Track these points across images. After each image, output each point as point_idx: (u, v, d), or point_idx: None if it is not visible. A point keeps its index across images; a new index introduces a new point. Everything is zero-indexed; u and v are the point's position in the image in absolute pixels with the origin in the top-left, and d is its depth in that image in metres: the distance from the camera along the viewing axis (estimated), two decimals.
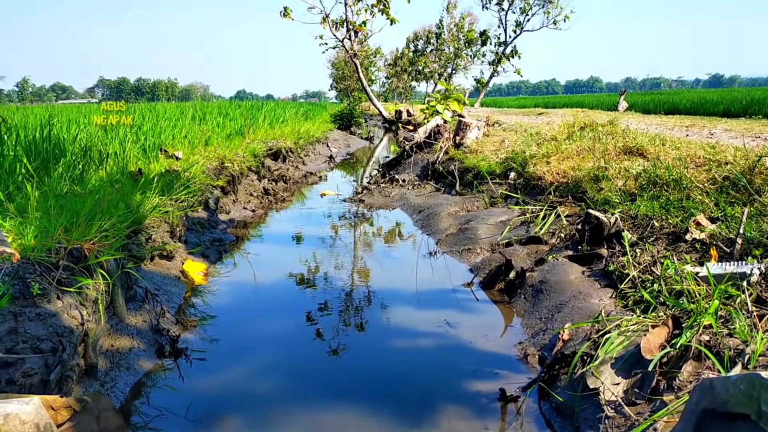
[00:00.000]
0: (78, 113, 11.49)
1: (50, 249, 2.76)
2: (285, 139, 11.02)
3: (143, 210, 4.07)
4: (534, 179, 5.53)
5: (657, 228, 3.66)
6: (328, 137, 15.41)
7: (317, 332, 3.30)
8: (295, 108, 17.82)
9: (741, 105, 22.60)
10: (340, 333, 3.28)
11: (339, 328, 3.35)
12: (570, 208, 4.64)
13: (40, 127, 6.51)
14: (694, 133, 7.07)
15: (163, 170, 5.97)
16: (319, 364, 2.93)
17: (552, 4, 40.79)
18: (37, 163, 4.92)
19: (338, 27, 27.05)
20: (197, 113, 12.02)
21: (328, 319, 3.50)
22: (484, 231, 4.86)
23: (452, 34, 57.97)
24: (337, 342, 3.16)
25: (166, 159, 7.00)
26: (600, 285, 3.25)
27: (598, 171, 4.74)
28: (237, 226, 6.15)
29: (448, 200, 6.36)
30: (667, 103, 27.52)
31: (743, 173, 3.88)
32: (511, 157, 6.57)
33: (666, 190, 4.10)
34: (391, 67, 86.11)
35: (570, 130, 6.55)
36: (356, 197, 7.53)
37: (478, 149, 7.95)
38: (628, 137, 5.52)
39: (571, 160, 5.41)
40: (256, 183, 8.13)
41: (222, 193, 6.82)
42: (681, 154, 4.80)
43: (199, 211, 5.74)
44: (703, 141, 5.44)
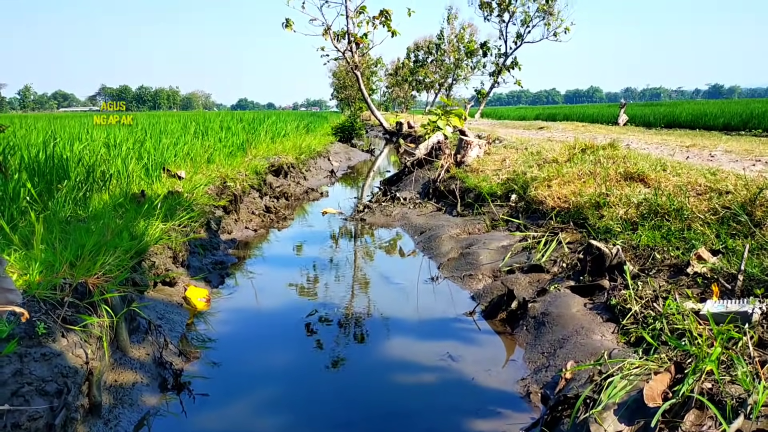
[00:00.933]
0: (80, 127, 11.53)
1: (55, 285, 2.78)
2: (286, 155, 11.06)
3: (147, 238, 4.09)
4: (535, 203, 5.55)
5: (658, 260, 3.68)
6: (329, 150, 15.46)
7: (318, 364, 3.31)
8: (296, 121, 17.86)
9: (741, 119, 22.69)
10: (342, 365, 3.29)
11: (340, 361, 3.36)
12: (571, 234, 4.66)
13: (43, 146, 6.53)
14: (694, 154, 7.10)
15: (166, 192, 5.99)
16: (320, 399, 2.94)
17: (552, 17, 41.00)
18: (41, 187, 4.94)
19: (340, 39, 27.21)
20: (199, 128, 12.05)
21: (329, 349, 3.51)
22: (486, 256, 4.87)
23: (453, 45, 58.24)
24: (338, 375, 3.17)
25: (168, 178, 7.03)
26: (602, 319, 3.27)
27: (600, 198, 4.76)
28: (239, 246, 6.16)
29: (450, 221, 6.37)
30: (667, 115, 27.64)
31: (744, 205, 3.90)
32: (512, 178, 6.59)
33: (667, 219, 4.12)
34: (391, 77, 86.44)
35: (571, 153, 6.57)
36: (357, 216, 7.55)
37: (479, 168, 7.98)
38: (629, 162, 5.54)
39: (573, 184, 5.43)
40: (258, 200, 8.15)
41: (224, 213, 6.84)
42: (682, 181, 4.82)
43: (201, 233, 5.75)
44: (704, 165, 5.46)
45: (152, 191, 6.19)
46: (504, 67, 44.22)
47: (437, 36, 60.37)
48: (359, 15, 26.06)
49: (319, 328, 3.85)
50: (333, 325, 3.89)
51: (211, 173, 7.58)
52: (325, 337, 3.70)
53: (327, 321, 3.97)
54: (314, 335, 3.75)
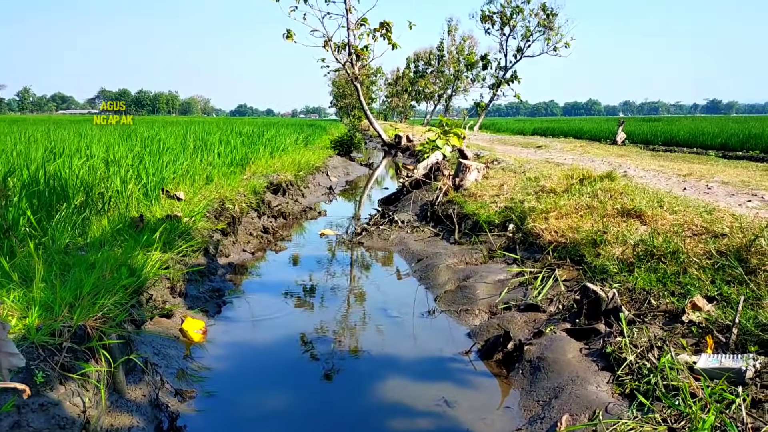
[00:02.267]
0: (80, 139, 11.53)
1: (54, 331, 2.79)
2: (285, 172, 11.09)
3: (145, 272, 4.10)
4: (532, 235, 5.58)
5: (654, 305, 3.70)
6: (328, 165, 15.49)
7: (312, 404, 3.32)
8: (295, 134, 17.90)
9: (738, 139, 22.79)
10: (337, 408, 3.30)
11: (335, 403, 3.37)
12: (568, 271, 4.68)
13: (43, 163, 6.54)
14: (691, 185, 7.14)
15: (165, 216, 6.01)
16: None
17: (553, 31, 41.26)
18: (41, 215, 4.95)
19: (340, 51, 27.33)
20: (199, 142, 12.08)
21: (324, 389, 3.52)
22: (483, 290, 4.89)
23: (453, 57, 58.50)
24: (333, 418, 3.18)
25: (167, 199, 7.04)
26: (597, 367, 3.28)
27: (597, 235, 4.79)
28: (236, 270, 6.17)
29: (447, 250, 6.40)
30: (664, 133, 27.75)
31: (739, 250, 3.93)
32: (510, 206, 6.62)
33: (663, 261, 4.15)
34: (391, 87, 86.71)
35: (569, 183, 6.61)
36: (355, 239, 7.57)
37: (477, 193, 8.01)
38: (626, 198, 5.58)
39: (570, 218, 5.46)
40: (256, 220, 8.16)
41: (222, 235, 6.85)
42: (678, 220, 4.86)
43: (199, 258, 5.75)
44: (700, 202, 5.50)
45: (151, 214, 6.21)
46: (503, 81, 44.48)
47: (437, 47, 60.73)
48: (360, 27, 26.21)
49: (314, 366, 3.86)
50: (328, 363, 3.90)
51: (210, 194, 7.59)
52: (320, 376, 3.71)
53: (322, 358, 3.98)
54: (309, 373, 3.76)
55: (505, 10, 41.67)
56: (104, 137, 12.89)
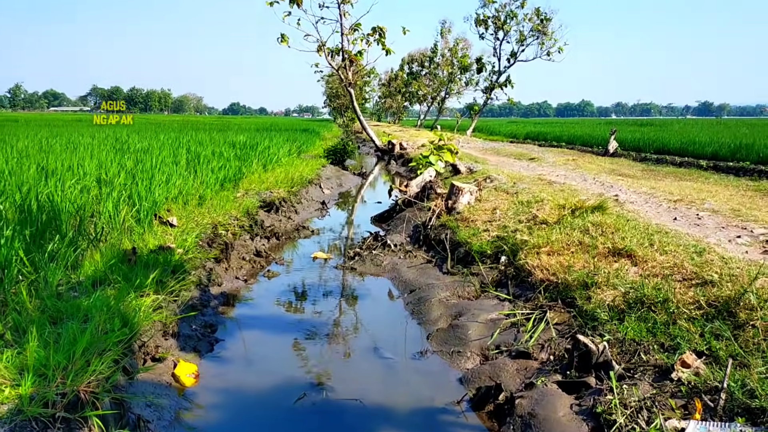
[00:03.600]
0: (72, 152, 11.47)
1: (47, 401, 2.79)
2: (278, 188, 11.09)
3: (139, 320, 4.10)
4: (524, 271, 5.61)
5: (644, 359, 3.74)
6: (321, 176, 15.48)
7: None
8: (288, 144, 17.87)
9: (729, 149, 22.94)
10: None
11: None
12: (559, 314, 4.72)
13: (36, 198, 6.51)
14: (681, 214, 7.20)
15: (157, 247, 6.01)
16: None
17: (546, 36, 41.41)
18: (33, 251, 4.93)
19: (334, 55, 27.33)
20: (192, 157, 12.06)
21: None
22: (475, 331, 4.92)
23: (446, 59, 58.56)
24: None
25: (160, 225, 7.04)
26: (588, 427, 3.32)
27: (588, 277, 4.83)
28: (228, 301, 6.17)
29: (440, 281, 6.43)
30: (656, 141, 27.88)
31: (728, 302, 3.98)
32: (503, 236, 6.66)
33: (653, 310, 4.19)
34: (385, 88, 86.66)
35: (560, 214, 6.65)
36: (348, 264, 7.59)
37: (469, 217, 8.04)
38: (617, 235, 5.62)
39: (562, 255, 5.50)
40: (249, 243, 8.16)
41: (215, 262, 6.85)
42: (668, 262, 4.90)
43: (192, 290, 5.76)
44: (690, 239, 5.55)
45: (144, 244, 6.21)
46: (497, 85, 44.61)
47: (431, 49, 60.75)
48: (354, 32, 26.24)
49: (304, 415, 3.88)
50: (319, 412, 3.92)
51: (203, 218, 7.59)
52: (310, 427, 3.73)
53: (313, 406, 3.99)
54: (299, 423, 3.78)
55: (500, 15, 41.81)
56: (96, 151, 12.84)
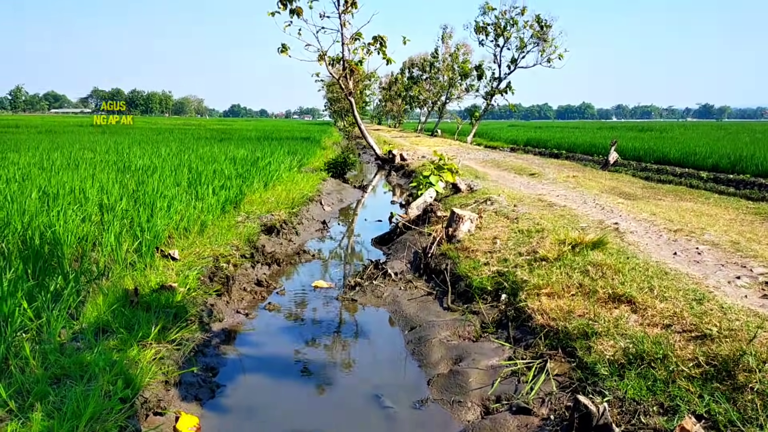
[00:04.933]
0: (75, 175, 11.50)
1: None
2: (279, 210, 11.12)
3: (141, 378, 4.13)
4: (525, 314, 5.64)
5: (644, 423, 3.77)
6: (321, 191, 15.53)
7: None
8: (289, 158, 17.93)
9: (729, 160, 23.05)
10: None
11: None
12: (560, 364, 4.75)
13: (40, 236, 6.54)
14: (681, 247, 7.22)
15: (159, 286, 6.04)
16: None
17: (546, 43, 41.50)
18: (37, 297, 4.96)
19: (335, 64, 27.40)
20: (193, 177, 12.10)
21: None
22: (476, 379, 4.95)
23: (447, 64, 58.63)
24: None
25: (161, 259, 7.07)
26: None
27: (588, 327, 4.85)
28: (229, 338, 6.19)
29: (440, 317, 6.46)
30: (656, 151, 28.00)
31: (727, 361, 4.00)
32: (503, 272, 6.69)
33: (653, 366, 4.22)
34: (385, 91, 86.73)
35: (560, 250, 6.68)
36: (349, 295, 7.61)
37: (470, 246, 8.07)
38: (616, 279, 5.65)
39: (562, 298, 5.53)
40: (250, 271, 8.19)
41: (216, 295, 6.88)
42: (668, 310, 4.93)
43: (193, 329, 5.78)
44: (689, 283, 5.57)
45: (146, 281, 6.24)
46: (497, 91, 44.69)
47: (432, 54, 60.81)
48: (354, 41, 26.31)
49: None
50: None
51: (204, 250, 7.63)
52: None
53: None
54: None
55: (500, 22, 41.91)
56: (98, 169, 12.89)
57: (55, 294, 5.45)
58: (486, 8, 41.78)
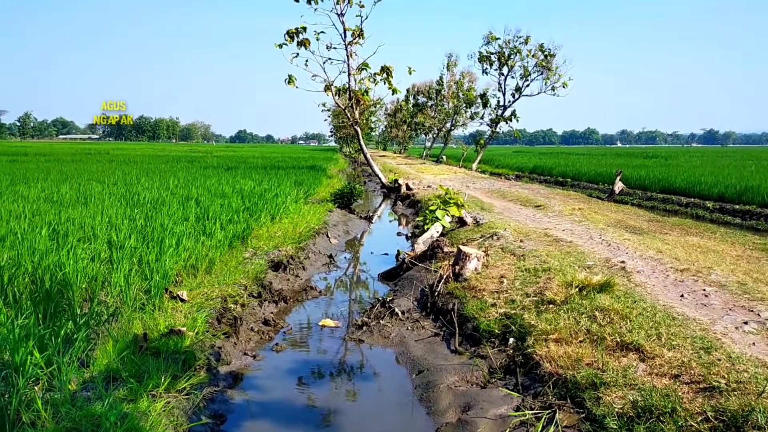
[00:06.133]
0: (85, 211, 11.61)
1: None
2: (286, 245, 11.18)
3: (152, 429, 4.15)
4: (533, 360, 5.64)
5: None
6: (328, 223, 15.58)
7: None
8: (295, 188, 18.05)
9: (735, 190, 23.05)
10: None
11: None
12: (569, 415, 4.74)
13: (51, 277, 6.59)
14: (688, 289, 7.22)
15: (168, 330, 6.07)
16: None
17: (551, 72, 41.84)
18: (49, 352, 4.99)
19: (341, 94, 27.71)
20: (201, 212, 12.19)
21: None
22: (484, 428, 4.93)
23: (452, 92, 59.09)
24: None
25: (170, 300, 7.11)
26: None
27: (596, 378, 4.86)
28: (236, 381, 6.19)
29: (448, 361, 6.46)
30: (662, 180, 28.04)
31: (735, 417, 4.00)
32: (511, 315, 6.70)
33: (662, 420, 4.21)
34: (391, 118, 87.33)
35: (567, 293, 6.70)
36: (356, 336, 7.61)
37: (477, 286, 8.09)
38: (624, 326, 5.66)
39: (570, 345, 5.53)
40: (257, 310, 8.22)
41: (223, 336, 6.90)
42: (676, 359, 4.93)
43: (201, 374, 5.79)
44: (696, 329, 5.57)
45: (154, 324, 6.28)
46: (502, 118, 44.98)
47: (437, 81, 61.38)
48: (361, 72, 26.63)
49: None
50: None
51: (212, 290, 7.67)
52: None
53: None
54: None
55: (503, 51, 42.34)
56: (107, 203, 13.01)
57: (66, 338, 5.50)
58: (490, 37, 42.26)
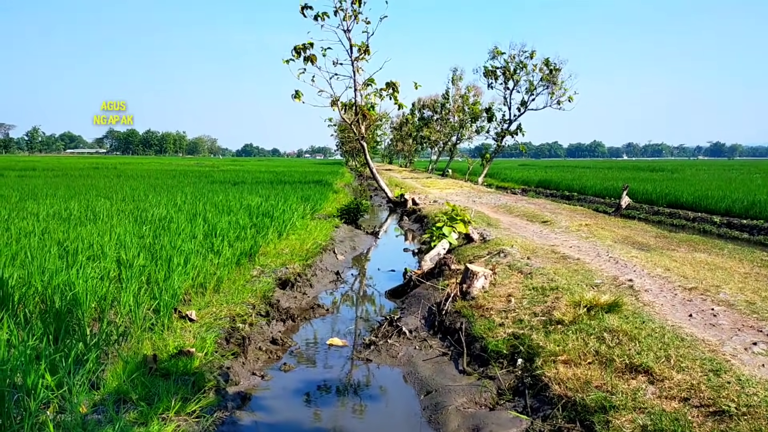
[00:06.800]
0: (94, 228, 11.69)
1: None
2: (293, 263, 11.22)
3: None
4: (541, 382, 5.64)
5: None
6: (335, 239, 15.62)
7: None
8: (302, 204, 18.13)
9: (742, 205, 23.01)
10: None
11: None
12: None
13: (60, 295, 6.64)
14: (696, 308, 7.20)
15: (177, 351, 6.10)
16: None
17: (556, 86, 41.96)
18: (60, 375, 5.03)
19: (347, 110, 27.89)
20: (208, 229, 12.25)
21: None
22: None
23: (457, 106, 59.29)
24: None
25: (179, 319, 7.15)
26: None
27: (605, 401, 4.85)
28: (245, 402, 6.19)
29: (455, 381, 6.45)
30: (669, 195, 28.01)
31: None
32: (519, 335, 6.70)
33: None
34: (396, 131, 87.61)
35: (575, 313, 6.70)
36: (363, 355, 7.62)
37: (484, 304, 8.10)
38: (633, 347, 5.66)
39: (579, 367, 5.53)
40: (265, 329, 8.24)
41: (232, 356, 6.92)
42: (685, 382, 4.92)
43: (210, 396, 5.81)
44: (705, 351, 5.56)
45: (163, 344, 6.31)
46: (507, 132, 45.07)
47: (443, 95, 61.63)
48: (367, 87, 26.81)
49: None
50: None
51: (221, 310, 7.70)
52: None
53: None
54: None
55: (509, 65, 42.52)
56: (116, 220, 13.09)
57: (76, 359, 5.53)
58: (495, 52, 42.46)
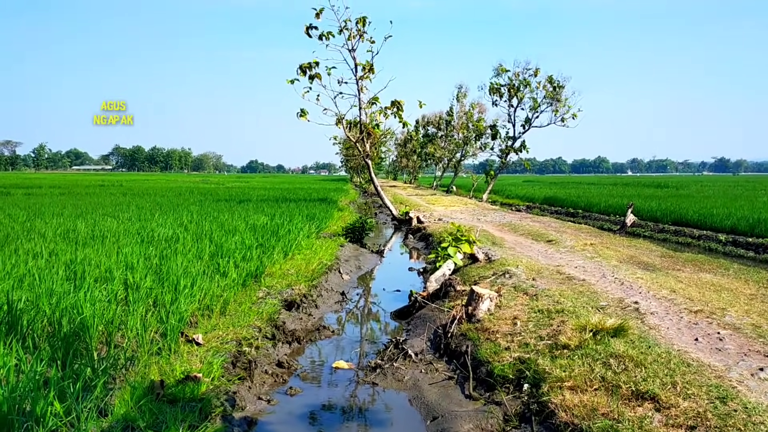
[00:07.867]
0: (101, 249, 11.76)
1: None
2: (299, 284, 11.25)
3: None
4: (548, 408, 5.64)
5: None
6: (340, 259, 15.66)
7: None
8: (307, 223, 18.20)
9: (747, 223, 22.96)
10: None
11: None
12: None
13: (69, 319, 6.69)
14: (702, 332, 7.19)
15: (184, 377, 6.13)
16: None
17: (560, 103, 42.14)
18: (69, 402, 5.06)
19: (352, 128, 28.07)
20: (214, 249, 12.31)
21: None
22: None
23: (462, 123, 59.52)
24: None
25: (185, 344, 7.18)
26: None
27: (612, 428, 4.85)
28: (250, 429, 6.20)
29: (462, 407, 6.45)
30: (674, 212, 27.96)
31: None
32: (525, 360, 6.71)
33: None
34: (401, 148, 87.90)
35: (581, 338, 6.70)
36: (369, 378, 7.63)
37: (490, 327, 8.11)
38: (639, 374, 5.66)
39: (585, 393, 5.53)
40: (271, 351, 8.26)
41: (238, 380, 6.94)
42: (691, 410, 4.92)
43: (217, 422, 5.83)
44: (711, 377, 5.56)
45: (170, 369, 6.34)
46: (512, 149, 45.21)
47: (447, 112, 61.92)
48: (371, 105, 27.00)
49: None
50: None
51: (227, 333, 7.73)
52: None
53: None
54: None
55: (513, 83, 42.75)
56: (122, 240, 13.17)
57: (84, 384, 5.56)
58: (499, 70, 42.75)
